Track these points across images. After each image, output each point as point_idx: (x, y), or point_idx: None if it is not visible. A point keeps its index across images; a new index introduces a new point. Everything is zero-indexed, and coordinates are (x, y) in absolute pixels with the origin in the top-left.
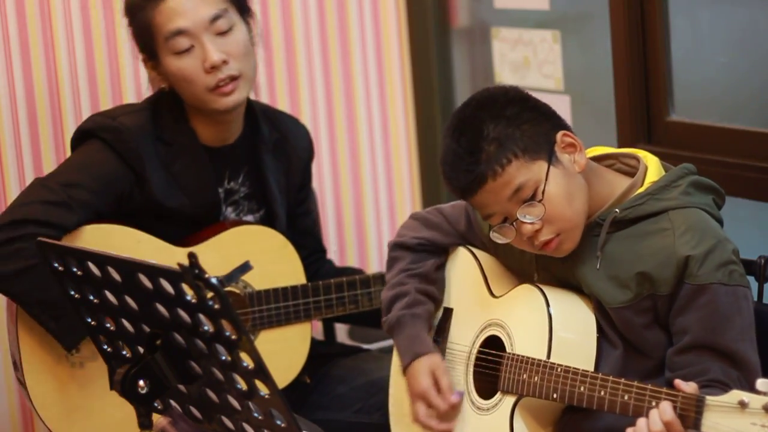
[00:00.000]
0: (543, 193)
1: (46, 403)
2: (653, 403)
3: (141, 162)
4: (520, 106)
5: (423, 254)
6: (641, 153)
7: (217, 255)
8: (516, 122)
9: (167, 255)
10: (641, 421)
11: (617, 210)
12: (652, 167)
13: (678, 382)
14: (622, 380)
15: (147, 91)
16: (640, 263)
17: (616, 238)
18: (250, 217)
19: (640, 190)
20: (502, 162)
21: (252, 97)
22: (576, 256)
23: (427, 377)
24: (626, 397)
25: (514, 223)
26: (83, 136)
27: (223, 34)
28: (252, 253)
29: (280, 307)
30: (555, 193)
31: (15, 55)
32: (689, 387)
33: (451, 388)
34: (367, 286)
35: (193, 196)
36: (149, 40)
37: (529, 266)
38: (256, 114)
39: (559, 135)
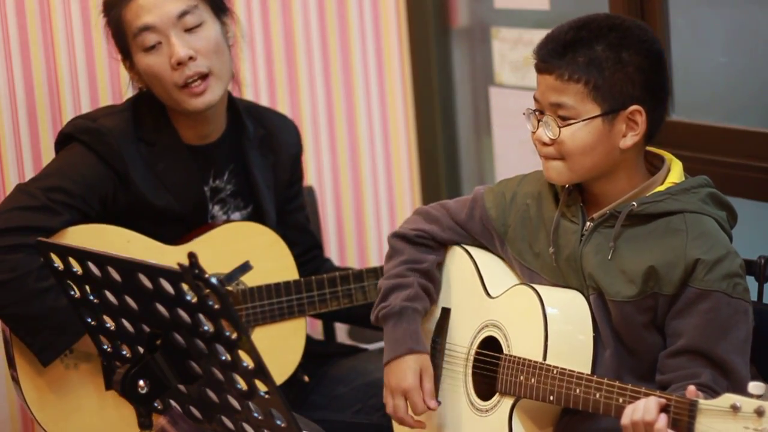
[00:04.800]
0: (568, 126)
1: (42, 404)
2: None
3: (123, 163)
4: (643, 59)
5: (422, 248)
6: (667, 155)
7: (208, 252)
8: (619, 66)
9: (158, 254)
10: (631, 408)
11: (634, 203)
12: (676, 170)
13: (691, 389)
14: (617, 383)
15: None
16: (650, 260)
17: (630, 233)
18: (237, 215)
19: (660, 188)
20: (573, 75)
21: (236, 94)
22: (587, 245)
23: (415, 375)
24: (621, 400)
25: (539, 121)
26: (65, 139)
27: (191, 30)
28: (243, 250)
29: (274, 303)
30: (577, 136)
31: (15, 55)
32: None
33: (433, 394)
34: (361, 280)
35: (179, 195)
36: (122, 38)
37: (545, 246)
38: (239, 111)
39: (634, 107)
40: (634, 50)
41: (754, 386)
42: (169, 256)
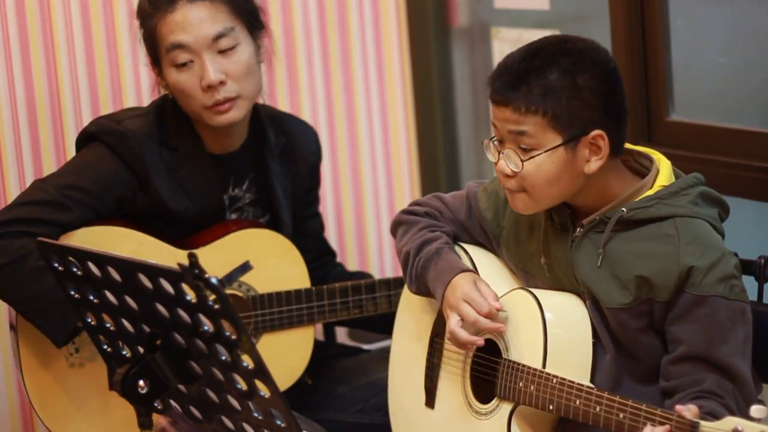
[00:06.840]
0: (532, 159)
1: (45, 403)
2: (647, 425)
3: (145, 167)
4: (598, 82)
5: (434, 223)
6: (656, 155)
7: (221, 258)
8: (575, 92)
9: (170, 257)
10: None
11: (624, 209)
12: (664, 171)
13: (679, 408)
14: (617, 398)
15: (147, 92)
16: (641, 266)
17: (620, 238)
18: None
19: (649, 192)
20: (530, 107)
21: (258, 100)
22: (578, 251)
23: (471, 284)
24: (621, 416)
25: (500, 153)
26: (88, 138)
27: (225, 52)
28: (257, 257)
29: (283, 310)
30: (542, 168)
31: (15, 55)
32: (689, 412)
33: (495, 296)
34: (372, 291)
35: (197, 202)
36: (154, 48)
37: (537, 250)
38: (262, 119)
39: (595, 132)
40: (588, 74)
41: (757, 410)
42: (183, 259)
